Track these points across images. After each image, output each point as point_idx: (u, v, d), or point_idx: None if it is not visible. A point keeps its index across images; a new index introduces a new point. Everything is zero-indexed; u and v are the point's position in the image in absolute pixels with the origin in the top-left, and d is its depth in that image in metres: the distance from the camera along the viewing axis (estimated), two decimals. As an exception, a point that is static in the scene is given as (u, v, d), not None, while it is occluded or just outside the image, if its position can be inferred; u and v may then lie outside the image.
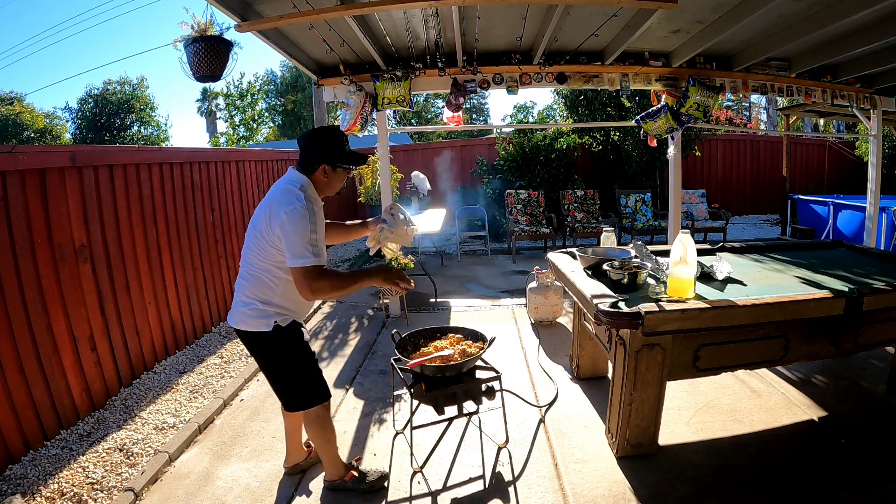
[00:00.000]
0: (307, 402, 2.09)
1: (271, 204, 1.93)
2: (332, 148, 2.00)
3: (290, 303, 2.04)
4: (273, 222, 1.89)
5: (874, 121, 5.68)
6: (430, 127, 22.24)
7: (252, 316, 1.98)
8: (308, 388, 2.09)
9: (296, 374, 2.08)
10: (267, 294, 1.99)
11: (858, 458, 2.34)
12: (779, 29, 3.91)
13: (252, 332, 2.00)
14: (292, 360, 2.07)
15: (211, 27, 2.79)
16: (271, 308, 1.99)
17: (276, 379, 2.12)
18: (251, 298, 1.99)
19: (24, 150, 2.61)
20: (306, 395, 2.09)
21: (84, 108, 21.97)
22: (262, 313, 1.98)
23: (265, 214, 1.93)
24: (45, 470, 2.38)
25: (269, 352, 2.07)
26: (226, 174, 4.76)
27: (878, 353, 3.37)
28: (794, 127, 8.62)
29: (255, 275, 1.99)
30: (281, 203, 1.89)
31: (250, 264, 2.00)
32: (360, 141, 9.96)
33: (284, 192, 1.92)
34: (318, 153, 1.99)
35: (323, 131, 2.03)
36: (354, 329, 4.43)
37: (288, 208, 1.86)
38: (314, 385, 2.11)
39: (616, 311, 2.09)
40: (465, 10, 3.53)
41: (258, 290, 1.99)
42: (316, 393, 2.11)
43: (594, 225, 7.51)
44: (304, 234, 1.84)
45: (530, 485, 2.26)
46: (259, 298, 1.99)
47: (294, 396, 2.10)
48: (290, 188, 1.93)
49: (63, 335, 2.77)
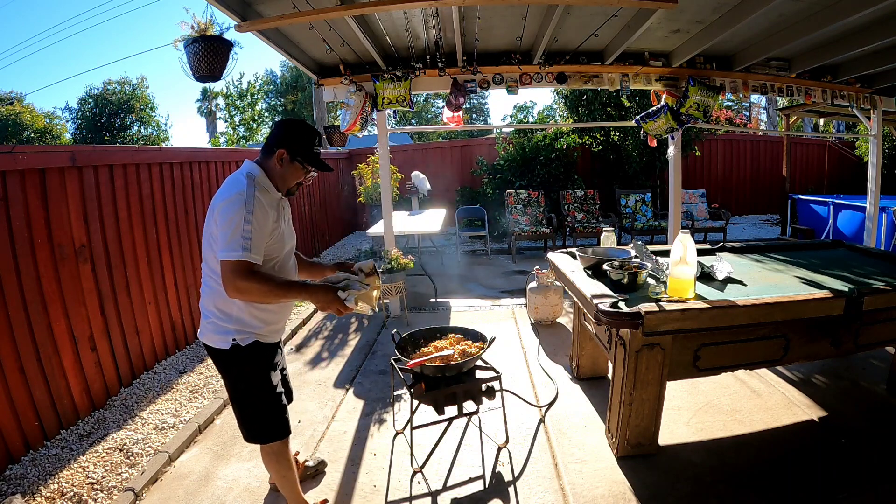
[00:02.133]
0: (263, 437, 1.88)
1: (216, 197, 1.74)
2: (297, 138, 1.78)
3: (251, 317, 1.78)
4: (213, 211, 1.70)
5: (874, 121, 5.68)
6: (430, 127, 22.25)
7: (211, 330, 1.79)
8: (264, 422, 1.86)
9: (251, 403, 1.85)
10: (223, 305, 1.76)
11: (858, 458, 2.34)
12: (779, 29, 3.91)
13: (211, 347, 1.81)
14: (248, 388, 1.84)
15: (211, 27, 2.79)
16: (230, 324, 1.77)
17: (233, 401, 1.89)
18: (210, 311, 1.80)
19: (24, 150, 2.61)
20: (262, 428, 1.87)
21: (84, 108, 21.95)
22: (219, 328, 1.77)
23: (212, 208, 1.73)
24: (45, 470, 2.38)
25: (226, 372, 1.86)
26: (226, 174, 4.75)
27: (878, 353, 3.37)
28: (794, 127, 8.61)
29: (207, 283, 1.79)
30: (222, 192, 1.71)
31: (204, 271, 1.81)
32: (360, 141, 9.98)
33: (228, 182, 1.74)
34: (280, 137, 1.78)
35: (296, 122, 1.83)
36: (354, 329, 4.43)
37: (226, 196, 1.67)
38: (271, 419, 1.86)
39: (616, 311, 2.09)
40: (465, 10, 3.53)
41: (214, 300, 1.78)
42: (273, 428, 1.87)
43: (594, 225, 7.51)
44: (237, 224, 1.62)
45: (530, 485, 2.26)
46: (217, 312, 1.78)
47: (250, 427, 1.88)
48: (236, 177, 1.74)
49: (63, 335, 2.77)
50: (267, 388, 1.85)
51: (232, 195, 1.66)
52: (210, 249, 1.74)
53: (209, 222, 1.73)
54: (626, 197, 8.15)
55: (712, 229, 7.60)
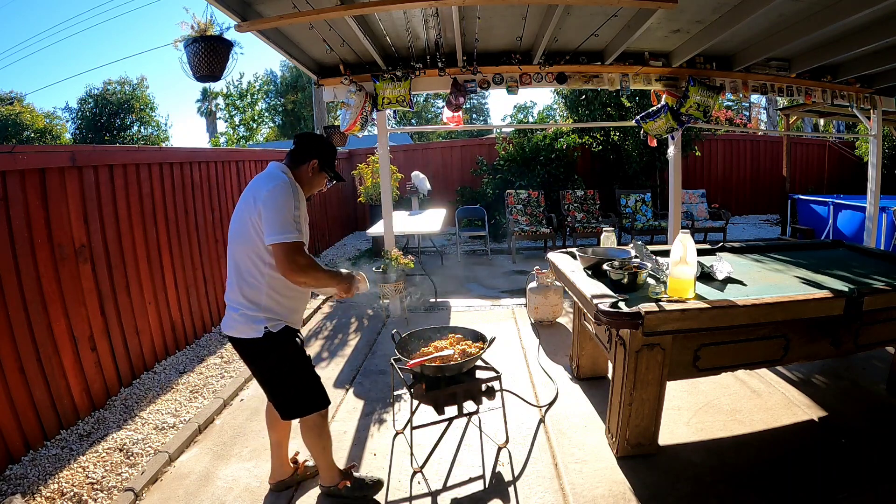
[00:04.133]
0: (304, 410, 2.02)
1: (254, 188, 1.88)
2: (327, 152, 2.03)
3: (279, 305, 1.94)
4: (257, 202, 1.82)
5: (874, 121, 5.68)
6: (430, 127, 22.25)
7: (241, 322, 1.90)
8: (305, 396, 2.01)
9: (292, 381, 1.99)
10: (254, 296, 1.90)
11: (858, 458, 2.34)
12: (779, 29, 3.91)
13: (243, 339, 1.92)
14: (287, 368, 1.98)
15: (211, 27, 2.79)
16: (260, 313, 1.90)
17: (272, 387, 2.03)
18: (239, 303, 1.92)
19: (24, 150, 2.61)
20: (304, 402, 2.01)
21: (84, 108, 21.96)
22: (251, 319, 1.89)
23: (249, 202, 1.86)
24: (45, 470, 2.38)
25: (262, 359, 1.98)
26: (226, 174, 4.76)
27: (878, 353, 3.37)
28: (794, 127, 8.61)
29: (240, 275, 1.91)
30: (264, 182, 1.86)
31: (235, 264, 1.93)
32: (360, 141, 9.99)
33: (265, 177, 1.91)
34: (315, 148, 2.01)
35: (324, 138, 2.10)
36: (354, 329, 4.43)
37: (272, 184, 1.82)
38: (312, 392, 2.03)
39: (616, 311, 2.09)
40: (465, 10, 3.53)
41: (244, 292, 1.91)
42: (314, 400, 2.03)
43: (594, 225, 7.51)
44: (288, 208, 1.79)
45: (530, 485, 2.26)
46: (247, 302, 1.90)
47: (291, 404, 2.02)
48: (273, 172, 1.92)
49: (63, 335, 2.77)
50: (307, 364, 2.02)
51: (277, 184, 1.82)
52: (241, 238, 1.88)
53: (242, 213, 1.88)
54: (626, 197, 8.15)
55: (712, 229, 7.60)
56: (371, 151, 7.76)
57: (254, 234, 1.85)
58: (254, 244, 1.86)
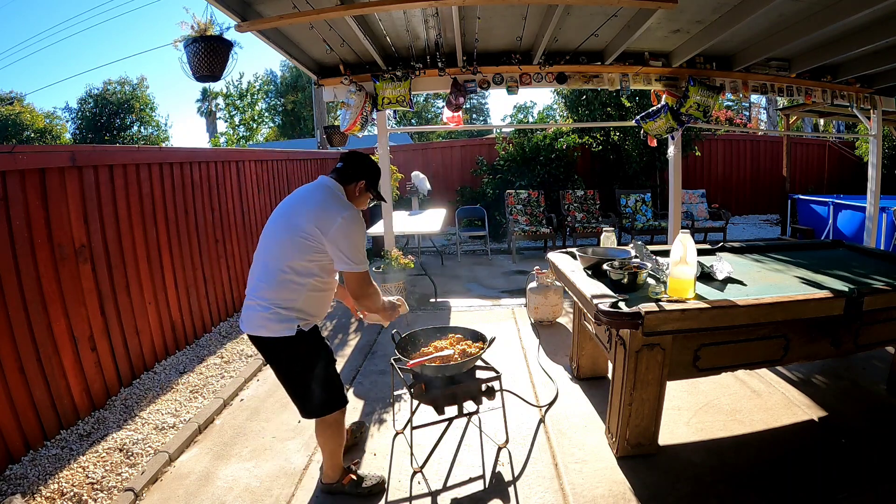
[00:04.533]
0: (326, 409, 2.05)
1: (321, 206, 1.94)
2: (374, 175, 2.14)
3: (312, 308, 2.01)
4: (327, 224, 1.89)
5: (874, 121, 5.68)
6: (430, 127, 22.26)
7: (273, 320, 1.92)
8: (327, 394, 2.05)
9: (316, 379, 2.03)
10: (289, 299, 1.94)
11: (858, 458, 2.34)
12: (779, 29, 3.91)
13: (272, 337, 1.94)
14: (314, 364, 2.02)
15: (211, 27, 2.79)
16: (294, 313, 1.94)
17: (296, 384, 2.06)
18: (270, 303, 1.93)
19: (24, 150, 2.61)
20: (325, 400, 2.05)
21: (84, 108, 21.96)
22: (283, 317, 1.92)
23: (311, 216, 1.91)
24: (45, 470, 2.38)
25: (290, 357, 2.01)
26: (226, 174, 4.75)
27: (878, 353, 3.37)
28: (794, 127, 8.61)
29: (279, 278, 1.93)
30: (334, 206, 1.94)
31: (275, 267, 1.94)
32: (360, 141, 10.01)
33: (333, 197, 1.98)
34: (363, 169, 2.10)
35: (372, 160, 2.16)
36: (354, 329, 4.43)
37: (345, 213, 1.92)
38: (338, 389, 2.08)
39: (616, 311, 2.09)
40: (465, 10, 3.53)
41: (280, 293, 1.93)
42: (336, 398, 2.08)
43: (594, 225, 7.51)
44: (362, 241, 1.96)
45: (530, 485, 2.26)
46: (280, 303, 1.93)
47: (312, 402, 2.05)
48: (334, 192, 2.00)
49: (63, 335, 2.77)
50: (330, 360, 2.09)
51: (350, 213, 1.94)
52: (292, 247, 1.92)
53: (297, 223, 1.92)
54: (626, 197, 8.15)
55: (712, 229, 7.60)
56: (371, 151, 7.74)
57: (312, 250, 1.92)
58: (310, 259, 1.93)
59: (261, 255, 2.02)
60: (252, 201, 5.26)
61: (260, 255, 2.02)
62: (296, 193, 2.08)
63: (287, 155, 6.49)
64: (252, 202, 5.26)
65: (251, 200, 5.24)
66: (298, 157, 6.93)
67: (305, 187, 2.09)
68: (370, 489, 2.21)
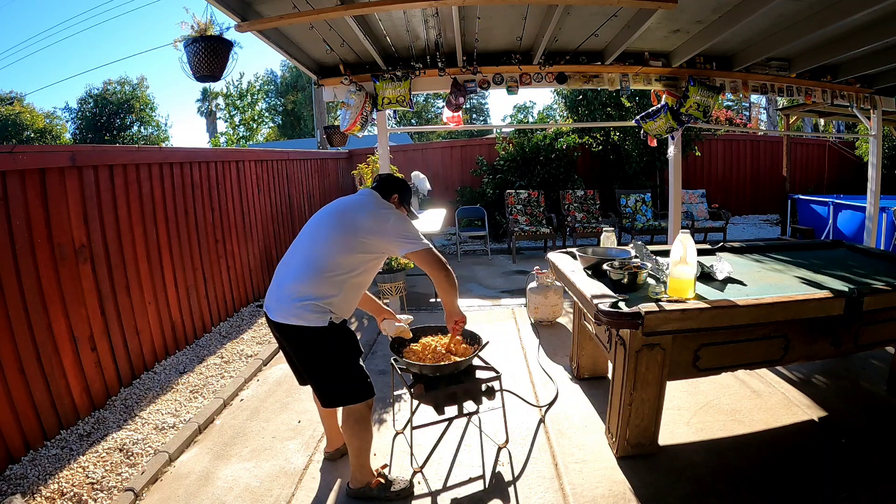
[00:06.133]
0: (353, 397, 2.07)
1: (376, 207, 2.12)
2: (405, 191, 2.30)
3: (346, 303, 2.09)
4: (382, 221, 2.06)
5: (874, 121, 5.68)
6: (430, 127, 22.26)
7: (307, 311, 1.98)
8: (361, 381, 2.09)
9: (354, 366, 2.08)
10: (327, 294, 2.01)
11: (858, 458, 2.34)
12: (779, 29, 3.91)
13: (305, 326, 1.98)
14: (351, 353, 2.09)
15: (211, 27, 2.79)
16: (329, 307, 2.01)
17: (324, 373, 2.08)
18: (305, 295, 1.99)
19: (24, 150, 2.61)
20: (353, 390, 2.07)
21: (84, 108, 21.96)
22: (319, 309, 1.99)
23: (371, 216, 2.07)
24: (45, 470, 2.38)
25: (320, 346, 2.04)
26: (226, 174, 4.76)
27: (878, 353, 3.37)
28: (794, 127, 8.61)
29: (320, 274, 2.01)
30: (386, 207, 2.15)
31: (319, 263, 2.02)
32: (360, 141, 10.01)
33: (384, 202, 2.19)
34: (396, 186, 2.28)
35: (402, 180, 2.36)
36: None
37: (396, 212, 2.15)
38: (366, 378, 2.10)
39: (616, 311, 2.09)
40: (465, 10, 3.53)
41: (318, 288, 2.00)
42: (364, 388, 2.09)
43: (594, 225, 7.51)
44: (415, 228, 2.12)
45: (530, 485, 2.26)
46: (316, 297, 1.99)
47: (339, 391, 2.08)
48: (379, 199, 2.19)
49: (63, 335, 2.77)
50: (360, 354, 2.15)
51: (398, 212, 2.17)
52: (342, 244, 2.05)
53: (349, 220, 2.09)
54: (626, 197, 8.14)
55: (712, 229, 7.60)
56: (371, 151, 7.73)
57: (358, 248, 2.05)
58: (355, 255, 2.06)
59: (300, 249, 2.12)
60: (252, 201, 5.26)
61: (299, 249, 2.12)
62: (346, 199, 2.25)
63: (287, 155, 6.49)
64: (252, 202, 5.26)
65: (251, 200, 5.24)
66: (298, 157, 6.93)
67: (357, 195, 2.27)
68: (398, 493, 2.18)
